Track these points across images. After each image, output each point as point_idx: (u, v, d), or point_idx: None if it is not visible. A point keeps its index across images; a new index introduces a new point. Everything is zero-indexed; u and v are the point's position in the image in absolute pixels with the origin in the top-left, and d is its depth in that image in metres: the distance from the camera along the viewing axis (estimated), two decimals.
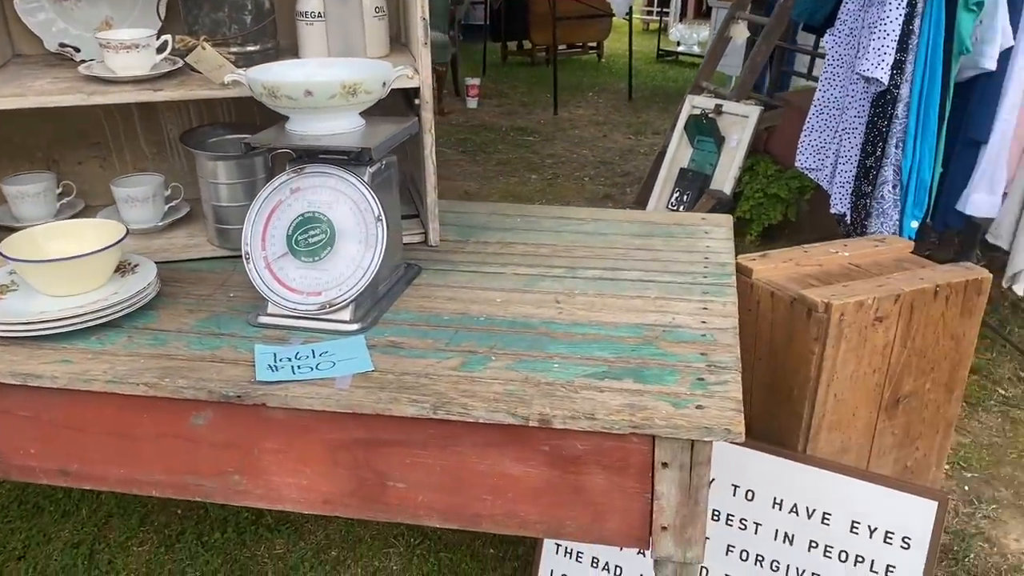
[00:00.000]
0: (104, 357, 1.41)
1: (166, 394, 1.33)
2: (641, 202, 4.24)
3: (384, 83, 1.51)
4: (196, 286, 1.67)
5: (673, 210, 3.85)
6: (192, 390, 1.32)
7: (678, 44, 8.85)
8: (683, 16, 9.49)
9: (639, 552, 1.84)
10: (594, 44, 8.73)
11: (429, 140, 1.75)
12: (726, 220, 1.96)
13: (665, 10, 9.90)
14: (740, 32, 4.29)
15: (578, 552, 1.89)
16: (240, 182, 1.74)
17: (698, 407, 1.23)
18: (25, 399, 1.40)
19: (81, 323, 1.46)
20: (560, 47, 7.76)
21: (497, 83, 7.47)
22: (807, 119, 3.04)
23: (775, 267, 1.84)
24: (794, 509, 1.72)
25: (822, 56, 4.41)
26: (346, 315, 1.50)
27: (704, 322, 1.48)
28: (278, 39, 1.79)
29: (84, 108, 1.75)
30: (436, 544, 2.17)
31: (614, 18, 8.40)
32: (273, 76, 1.48)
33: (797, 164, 3.11)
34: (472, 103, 6.67)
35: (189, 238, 1.83)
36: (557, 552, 1.91)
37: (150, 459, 1.40)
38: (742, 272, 1.82)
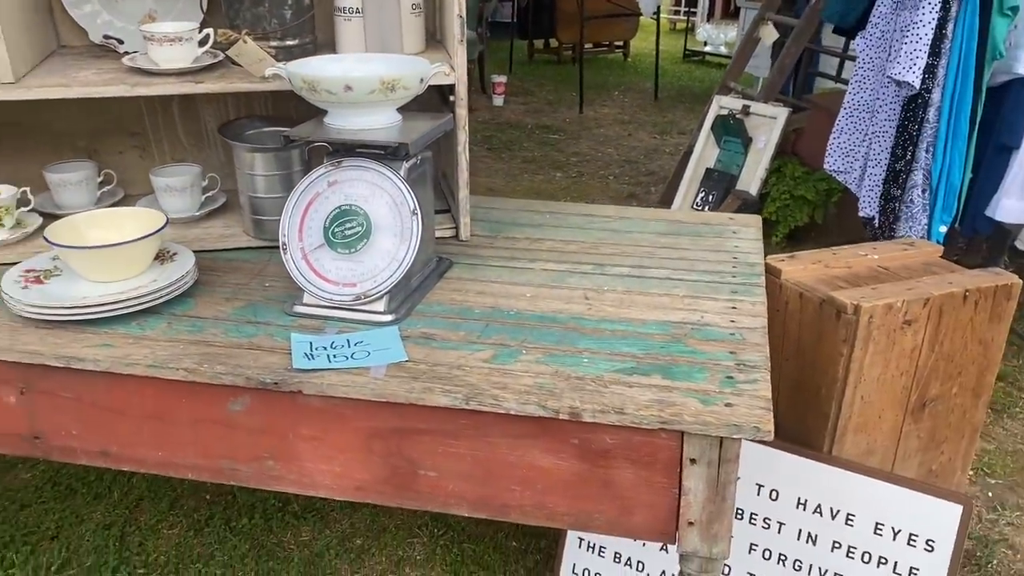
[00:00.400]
0: (144, 342, 1.44)
1: (205, 380, 1.36)
2: (666, 201, 4.24)
3: (422, 79, 1.53)
4: (232, 275, 1.70)
5: (698, 210, 3.86)
6: (230, 376, 1.35)
7: (705, 44, 8.82)
8: (710, 16, 9.45)
9: (662, 548, 1.85)
10: (620, 43, 8.72)
11: (463, 136, 1.78)
12: (755, 220, 1.97)
13: (692, 10, 9.88)
14: (769, 33, 4.28)
15: (601, 547, 1.91)
16: (277, 174, 1.78)
17: (727, 405, 1.24)
18: (68, 381, 1.44)
19: (122, 308, 1.50)
20: (586, 45, 7.76)
21: (523, 81, 7.49)
22: (837, 121, 3.04)
23: (804, 268, 1.84)
24: (818, 509, 1.73)
25: (851, 58, 4.40)
26: (380, 306, 1.53)
27: (733, 321, 1.50)
28: (316, 34, 1.82)
29: (126, 99, 1.79)
30: (459, 535, 2.20)
31: (641, 17, 8.39)
32: (313, 70, 1.51)
33: (826, 166, 3.10)
34: (498, 100, 6.69)
35: (225, 228, 1.87)
36: (580, 546, 1.93)
37: (188, 443, 1.44)
38: (770, 273, 1.82)
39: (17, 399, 1.48)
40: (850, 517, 1.71)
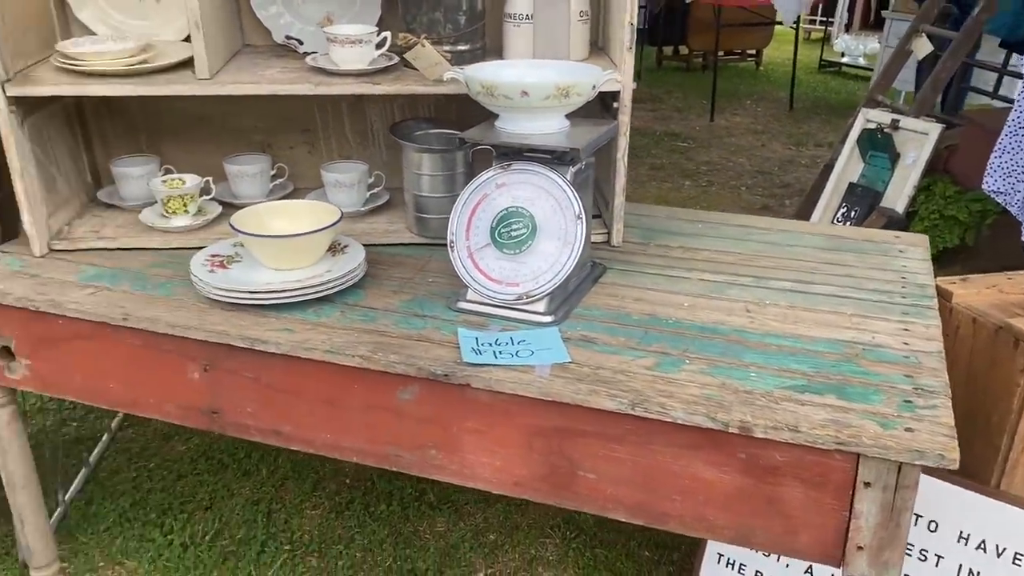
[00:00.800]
0: (321, 329, 1.52)
1: (379, 368, 1.42)
2: (803, 215, 4.12)
3: (594, 86, 1.55)
4: (396, 269, 1.76)
5: (839, 225, 3.72)
6: (403, 366, 1.40)
7: (842, 55, 8.52)
8: (849, 26, 9.12)
9: (806, 571, 1.81)
10: (753, 51, 8.54)
11: (623, 143, 1.78)
12: (922, 240, 1.89)
13: (829, 19, 9.56)
14: (922, 46, 4.10)
15: (741, 564, 1.88)
16: (441, 174, 1.83)
17: (907, 430, 1.20)
18: (249, 362, 1.53)
19: (300, 296, 1.58)
20: (718, 53, 7.63)
21: (651, 87, 7.43)
22: (999, 140, 2.88)
23: (977, 292, 1.76)
24: (982, 546, 1.64)
25: (1014, 75, 4.16)
26: (541, 307, 1.55)
27: (906, 343, 1.44)
28: (486, 40, 1.87)
29: (299, 98, 1.89)
30: (591, 540, 2.20)
31: (776, 26, 8.18)
32: (490, 75, 1.55)
33: (984, 187, 2.94)
34: None
35: (389, 224, 1.94)
36: (719, 562, 1.90)
37: (356, 427, 1.50)
38: (941, 295, 1.75)
39: (201, 375, 1.58)
40: (1018, 557, 1.62)
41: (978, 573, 1.65)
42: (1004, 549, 1.63)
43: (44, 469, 2.04)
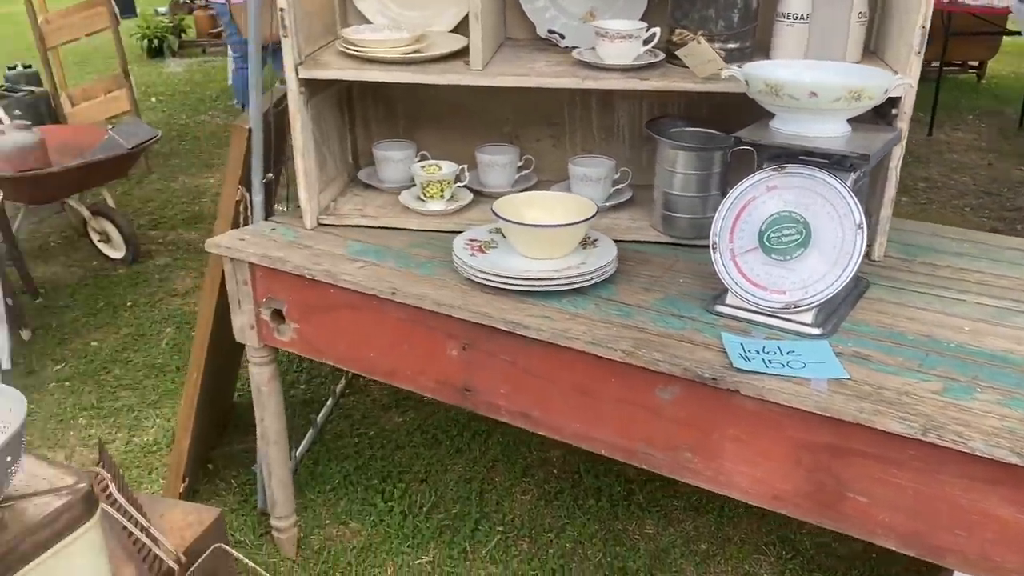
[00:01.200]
0: (579, 319, 1.53)
1: (641, 364, 1.42)
2: None
3: (886, 90, 1.47)
4: (643, 267, 1.76)
5: None
6: (667, 364, 1.39)
7: None
8: None
9: None
10: (976, 63, 7.90)
11: (898, 152, 1.70)
12: None
13: None
14: None
15: None
16: (696, 173, 1.81)
17: None
18: (509, 345, 1.57)
19: (559, 285, 1.61)
20: (934, 63, 7.11)
21: None
22: None
23: None
24: None
25: None
26: (808, 318, 1.50)
27: None
28: (755, 38, 1.82)
29: (551, 91, 1.91)
30: (809, 563, 2.11)
31: (1005, 37, 7.52)
32: (775, 75, 1.50)
33: None
34: None
35: (632, 221, 1.94)
36: None
37: (609, 420, 1.51)
38: None
39: (459, 353, 1.64)
40: None
41: None
42: None
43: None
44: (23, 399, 1.10)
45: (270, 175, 2.00)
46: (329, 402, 2.75)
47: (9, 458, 1.04)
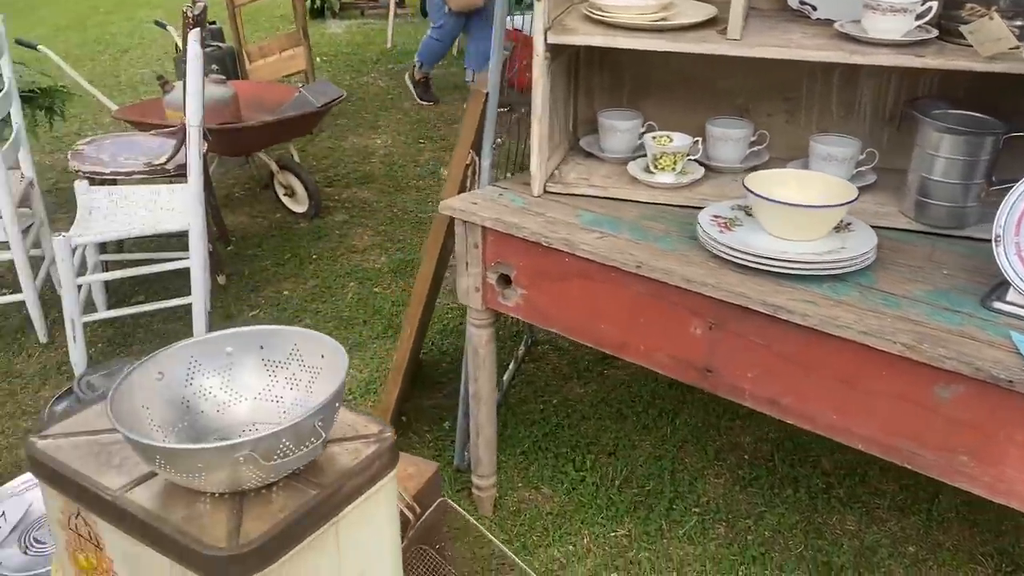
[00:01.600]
0: (844, 307, 1.47)
1: (921, 359, 1.34)
2: None
3: None
4: (898, 255, 1.67)
5: None
6: (953, 362, 1.32)
7: None
8: None
9: None
10: None
11: None
12: None
13: None
14: None
15: None
16: (960, 159, 1.69)
17: None
18: (762, 327, 1.52)
19: (819, 269, 1.54)
20: None
21: None
22: None
23: None
24: None
25: None
26: None
27: None
28: None
29: (789, 63, 1.81)
30: None
31: None
32: None
33: None
34: None
35: (878, 206, 1.84)
36: None
37: (873, 415, 1.44)
38: None
39: (703, 332, 1.60)
40: None
41: None
42: None
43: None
44: (339, 347, 1.14)
45: (499, 140, 2.00)
46: (511, 366, 2.77)
47: (337, 404, 1.07)
